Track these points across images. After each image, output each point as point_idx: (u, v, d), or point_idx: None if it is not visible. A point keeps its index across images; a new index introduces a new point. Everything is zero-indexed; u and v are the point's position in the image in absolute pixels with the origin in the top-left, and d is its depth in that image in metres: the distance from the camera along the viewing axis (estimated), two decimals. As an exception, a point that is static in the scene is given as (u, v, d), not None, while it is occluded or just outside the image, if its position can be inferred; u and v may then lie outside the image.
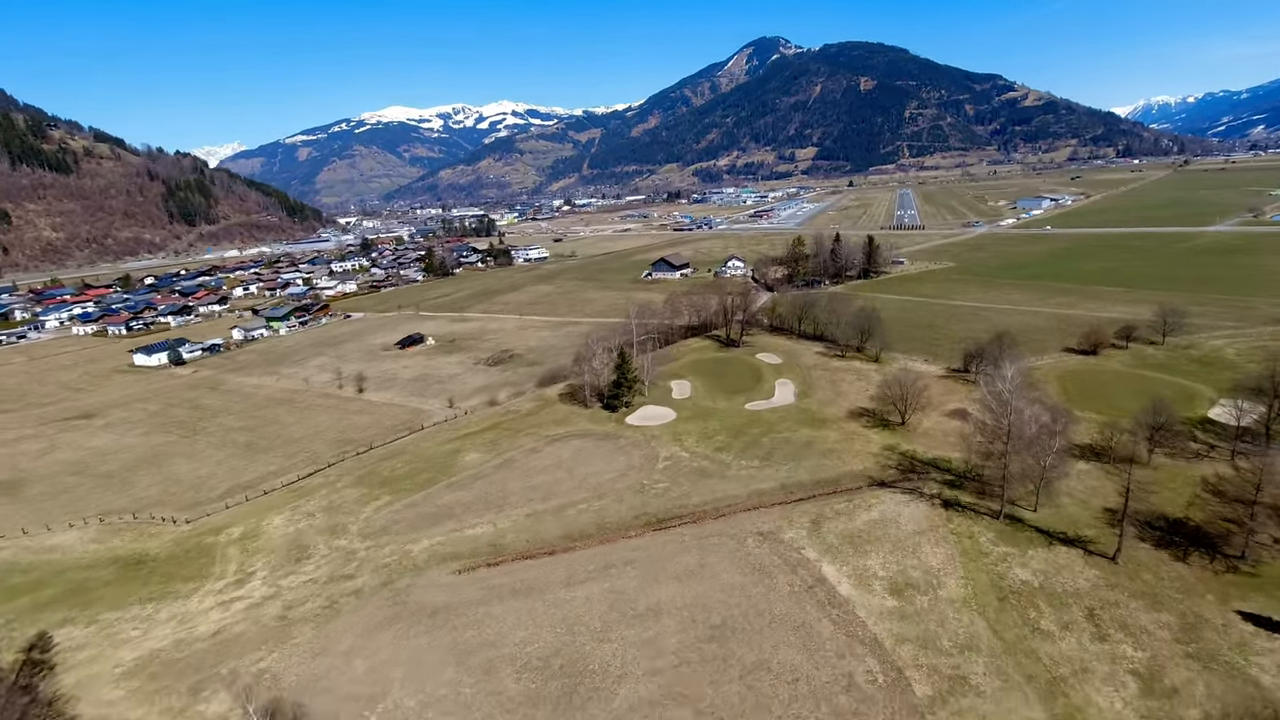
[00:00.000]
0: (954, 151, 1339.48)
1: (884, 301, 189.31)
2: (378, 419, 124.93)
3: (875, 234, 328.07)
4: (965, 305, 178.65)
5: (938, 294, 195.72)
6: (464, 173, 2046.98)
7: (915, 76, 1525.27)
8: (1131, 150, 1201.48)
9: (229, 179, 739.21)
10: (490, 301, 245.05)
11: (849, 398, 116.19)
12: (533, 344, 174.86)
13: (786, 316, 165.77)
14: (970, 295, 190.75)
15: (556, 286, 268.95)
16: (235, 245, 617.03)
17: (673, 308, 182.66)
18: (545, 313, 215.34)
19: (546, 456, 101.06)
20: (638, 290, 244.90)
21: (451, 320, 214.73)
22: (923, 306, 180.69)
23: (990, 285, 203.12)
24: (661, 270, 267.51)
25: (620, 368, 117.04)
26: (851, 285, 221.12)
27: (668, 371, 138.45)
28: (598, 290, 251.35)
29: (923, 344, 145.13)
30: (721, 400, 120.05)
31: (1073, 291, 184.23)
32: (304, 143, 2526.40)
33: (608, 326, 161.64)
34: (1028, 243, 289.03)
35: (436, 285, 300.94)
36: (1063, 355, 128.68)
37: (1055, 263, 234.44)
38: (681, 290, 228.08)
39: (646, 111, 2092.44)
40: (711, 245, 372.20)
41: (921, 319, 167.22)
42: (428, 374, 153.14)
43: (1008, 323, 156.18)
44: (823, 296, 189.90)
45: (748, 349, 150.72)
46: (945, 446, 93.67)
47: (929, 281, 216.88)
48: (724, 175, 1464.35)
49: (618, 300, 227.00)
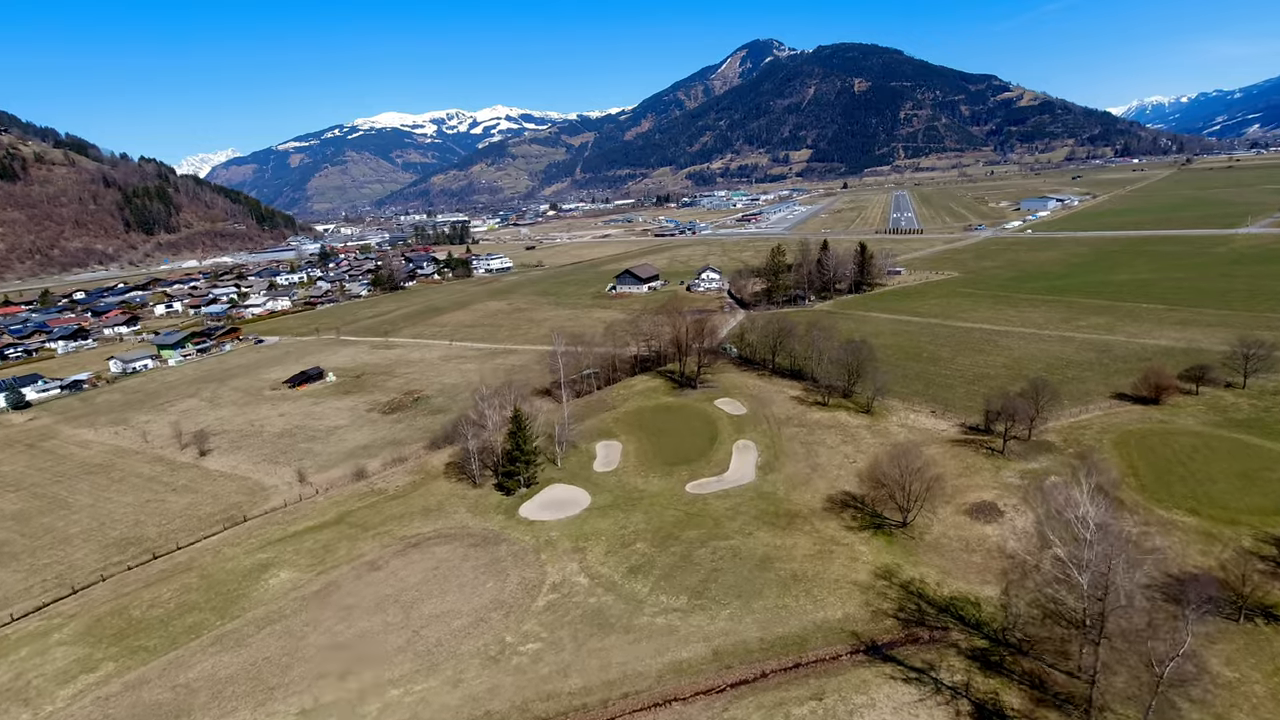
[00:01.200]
0: (950, 152, 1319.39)
1: (878, 324, 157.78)
2: (197, 502, 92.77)
3: (870, 239, 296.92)
4: (976, 329, 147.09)
5: (942, 313, 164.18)
6: (456, 178, 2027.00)
7: (910, 77, 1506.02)
8: (1130, 150, 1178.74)
9: (195, 185, 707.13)
10: (427, 322, 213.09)
11: (829, 473, 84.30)
12: (450, 381, 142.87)
13: (759, 345, 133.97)
14: (981, 315, 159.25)
15: (509, 303, 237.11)
16: (196, 255, 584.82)
17: (621, 334, 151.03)
18: (482, 338, 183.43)
19: (386, 579, 69.05)
20: (596, 308, 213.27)
21: (372, 348, 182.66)
22: (925, 330, 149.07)
23: (1004, 301, 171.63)
24: (627, 283, 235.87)
25: (516, 434, 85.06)
26: (841, 302, 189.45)
27: (598, 427, 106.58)
28: (552, 308, 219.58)
29: (927, 385, 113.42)
30: (657, 476, 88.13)
31: (1106, 310, 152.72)
32: (296, 149, 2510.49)
33: (548, 357, 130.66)
34: (1040, 249, 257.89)
35: (379, 301, 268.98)
36: (1114, 405, 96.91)
37: (1077, 273, 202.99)
38: (643, 309, 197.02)
39: (640, 115, 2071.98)
40: (691, 253, 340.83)
41: (924, 348, 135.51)
42: (302, 427, 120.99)
43: (1031, 353, 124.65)
44: (804, 318, 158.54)
45: (707, 391, 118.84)
46: (969, 572, 62.01)
47: (931, 296, 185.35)
48: (718, 178, 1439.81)
49: (571, 320, 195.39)
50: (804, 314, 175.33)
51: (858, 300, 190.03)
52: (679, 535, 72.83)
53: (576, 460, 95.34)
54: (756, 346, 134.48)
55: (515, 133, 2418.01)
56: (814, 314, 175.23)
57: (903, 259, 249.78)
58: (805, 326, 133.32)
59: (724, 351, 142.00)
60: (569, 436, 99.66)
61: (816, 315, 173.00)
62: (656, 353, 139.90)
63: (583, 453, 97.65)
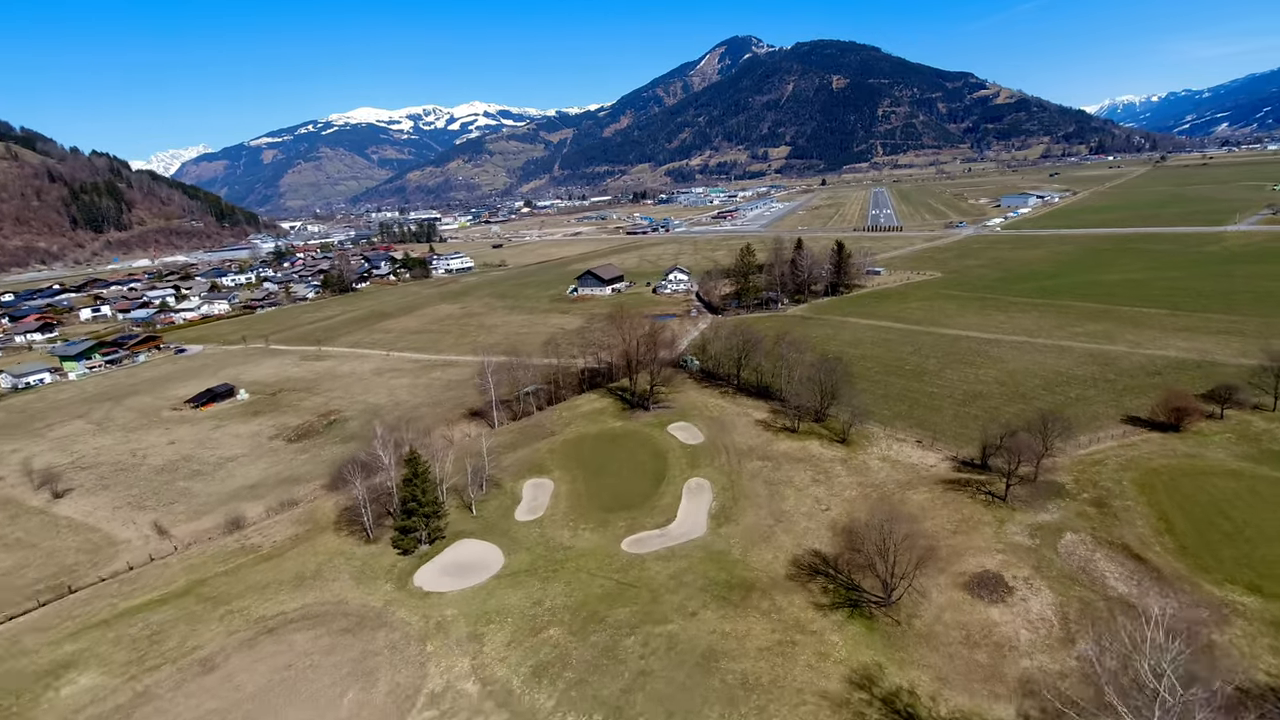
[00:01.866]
0: (928, 150, 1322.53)
1: (856, 331, 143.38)
2: (24, 562, 75.49)
3: (848, 236, 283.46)
4: (964, 336, 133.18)
5: (925, 318, 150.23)
6: (432, 174, 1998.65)
7: (888, 75, 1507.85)
8: (1104, 147, 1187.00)
9: (151, 181, 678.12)
10: (370, 329, 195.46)
11: (796, 525, 69.24)
12: (376, 400, 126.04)
13: (722, 358, 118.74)
14: (968, 320, 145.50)
15: (461, 307, 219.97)
16: (149, 254, 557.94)
17: (571, 344, 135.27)
18: (425, 347, 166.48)
19: (218, 687, 52.69)
20: (554, 313, 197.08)
21: (301, 358, 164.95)
22: (908, 339, 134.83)
23: (991, 304, 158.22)
24: (589, 285, 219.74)
25: (412, 482, 68.87)
26: (816, 305, 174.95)
27: (530, 459, 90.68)
28: (506, 313, 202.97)
29: (912, 406, 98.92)
30: (589, 527, 72.52)
31: (1103, 315, 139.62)
32: (269, 145, 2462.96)
33: (494, 370, 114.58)
34: (1024, 246, 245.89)
35: (326, 305, 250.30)
36: (1129, 432, 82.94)
37: (1066, 272, 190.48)
38: (604, 314, 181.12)
39: (619, 111, 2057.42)
40: (662, 251, 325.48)
41: (907, 360, 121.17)
42: (189, 458, 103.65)
43: (1026, 366, 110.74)
44: (775, 326, 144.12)
45: (660, 413, 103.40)
46: (973, 679, 47.12)
47: (913, 299, 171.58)
48: (697, 175, 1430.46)
49: (524, 327, 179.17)
50: (775, 320, 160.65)
51: (834, 304, 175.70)
52: (605, 615, 57.24)
53: (498, 505, 79.35)
54: (720, 359, 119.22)
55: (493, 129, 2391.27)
56: (786, 320, 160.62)
57: (882, 258, 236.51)
58: (774, 337, 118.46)
59: (684, 365, 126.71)
60: (493, 473, 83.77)
61: (789, 321, 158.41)
62: (609, 365, 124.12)
63: (507, 494, 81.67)
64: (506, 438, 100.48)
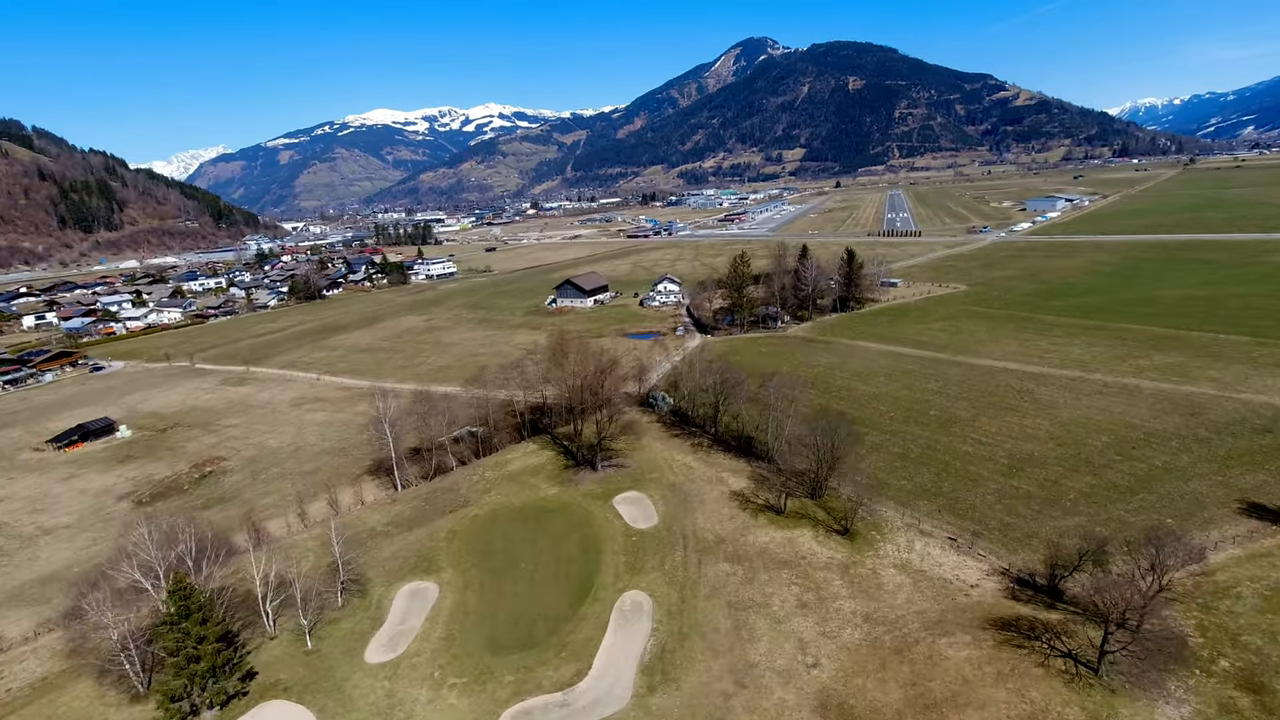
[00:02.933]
0: (945, 152, 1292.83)
1: (868, 358, 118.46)
2: None
3: (861, 242, 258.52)
4: (1000, 369, 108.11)
5: (951, 343, 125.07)
6: (445, 176, 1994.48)
7: (905, 76, 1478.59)
8: (1128, 150, 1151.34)
9: (148, 180, 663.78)
10: (317, 344, 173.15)
11: (765, 700, 44.93)
12: (275, 443, 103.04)
13: (699, 397, 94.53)
14: (1003, 346, 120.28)
15: (426, 319, 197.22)
16: (140, 254, 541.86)
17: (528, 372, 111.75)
18: (364, 370, 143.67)
19: None
20: (524, 328, 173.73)
21: (222, 381, 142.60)
22: (931, 371, 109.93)
23: (1029, 326, 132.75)
24: (568, 296, 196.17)
25: (180, 625, 45.20)
26: (822, 324, 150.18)
27: (420, 547, 67.04)
28: (471, 327, 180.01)
29: (941, 475, 74.24)
30: (460, 682, 48.72)
31: (1171, 342, 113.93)
32: (286, 145, 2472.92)
33: (431, 401, 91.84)
34: (1058, 255, 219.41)
35: (284, 314, 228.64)
36: (1258, 531, 58.00)
37: (1112, 286, 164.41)
38: (581, 330, 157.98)
39: (633, 113, 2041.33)
40: (659, 257, 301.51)
41: (931, 402, 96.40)
42: (1, 526, 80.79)
43: (1086, 415, 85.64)
44: (771, 350, 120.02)
45: (610, 474, 79.53)
46: None
47: (935, 317, 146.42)
48: (710, 177, 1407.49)
49: (485, 346, 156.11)
50: (772, 343, 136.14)
51: (843, 322, 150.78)
52: None
53: (349, 630, 55.67)
54: (695, 398, 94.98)
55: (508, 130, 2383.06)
56: (785, 342, 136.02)
57: (899, 267, 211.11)
58: (762, 376, 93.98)
59: (654, 403, 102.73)
60: (363, 569, 60.38)
61: (787, 345, 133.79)
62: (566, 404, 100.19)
63: (368, 609, 58.03)
64: (406, 507, 76.91)
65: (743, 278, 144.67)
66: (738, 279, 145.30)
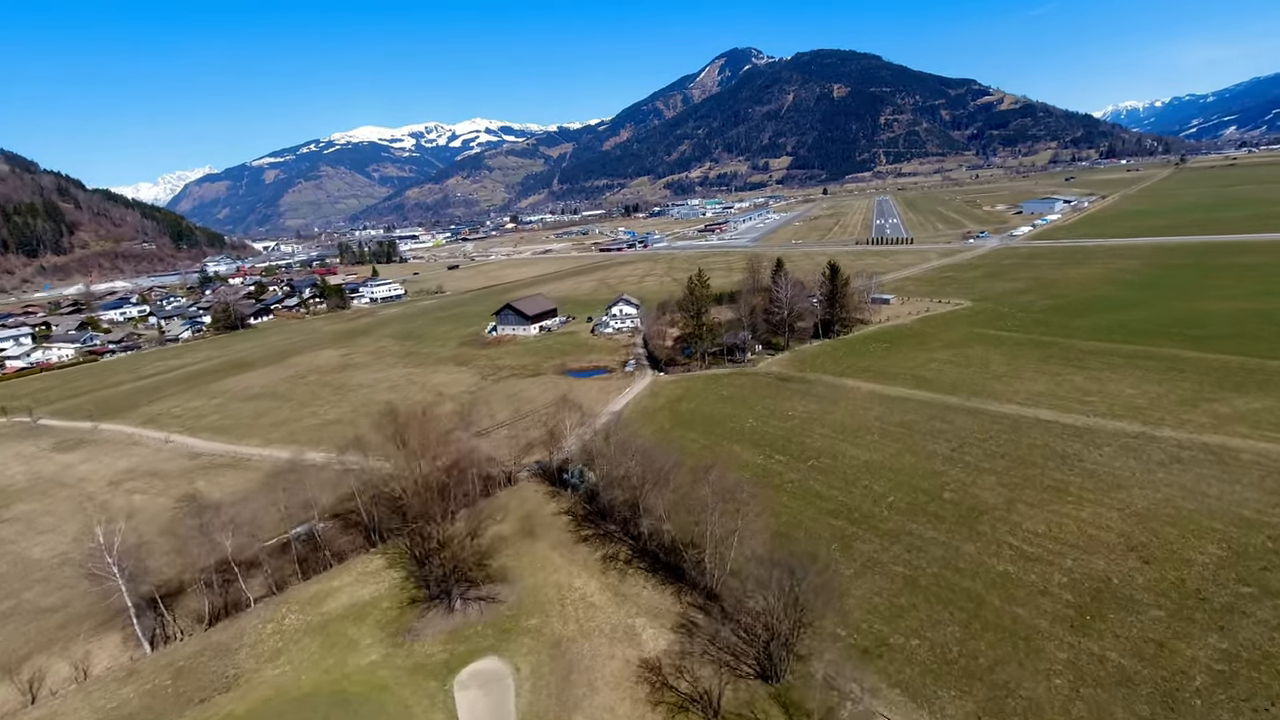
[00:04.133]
0: (932, 157, 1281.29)
1: (856, 406, 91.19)
2: None
3: (849, 251, 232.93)
4: (1028, 419, 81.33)
5: (963, 381, 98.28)
6: (431, 191, 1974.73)
7: (889, 83, 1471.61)
8: (1115, 151, 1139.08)
9: (104, 201, 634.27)
10: (199, 390, 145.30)
11: None
12: (44, 552, 75.04)
13: (619, 485, 66.87)
14: (1029, 384, 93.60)
15: (344, 354, 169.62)
16: (90, 279, 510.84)
17: (426, 429, 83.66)
18: (233, 426, 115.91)
19: None
20: (451, 363, 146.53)
21: (53, 445, 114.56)
22: (939, 424, 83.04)
23: (1056, 354, 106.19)
24: (509, 323, 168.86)
25: None
26: (800, 355, 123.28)
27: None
28: (391, 364, 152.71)
29: (970, 633, 46.81)
30: None
31: (1247, 377, 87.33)
32: (271, 164, 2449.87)
33: (294, 476, 64.64)
34: (1072, 262, 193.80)
35: (192, 349, 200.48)
36: None
37: (1145, 299, 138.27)
38: (513, 365, 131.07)
39: (619, 125, 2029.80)
40: (629, 272, 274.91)
41: (943, 476, 69.37)
42: None
43: (1170, 501, 58.63)
44: (733, 396, 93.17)
45: (469, 619, 52.11)
46: None
47: (938, 343, 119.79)
48: (696, 187, 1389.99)
49: (394, 390, 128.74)
50: (737, 381, 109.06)
51: (827, 352, 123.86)
52: None
53: None
54: (614, 484, 67.39)
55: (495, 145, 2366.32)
56: (753, 381, 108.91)
57: (891, 279, 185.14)
58: (698, 466, 67.00)
59: (569, 481, 75.30)
60: None
61: (756, 383, 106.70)
62: (441, 485, 72.38)
63: None
64: (138, 691, 48.99)
65: (701, 300, 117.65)
66: (695, 302, 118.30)
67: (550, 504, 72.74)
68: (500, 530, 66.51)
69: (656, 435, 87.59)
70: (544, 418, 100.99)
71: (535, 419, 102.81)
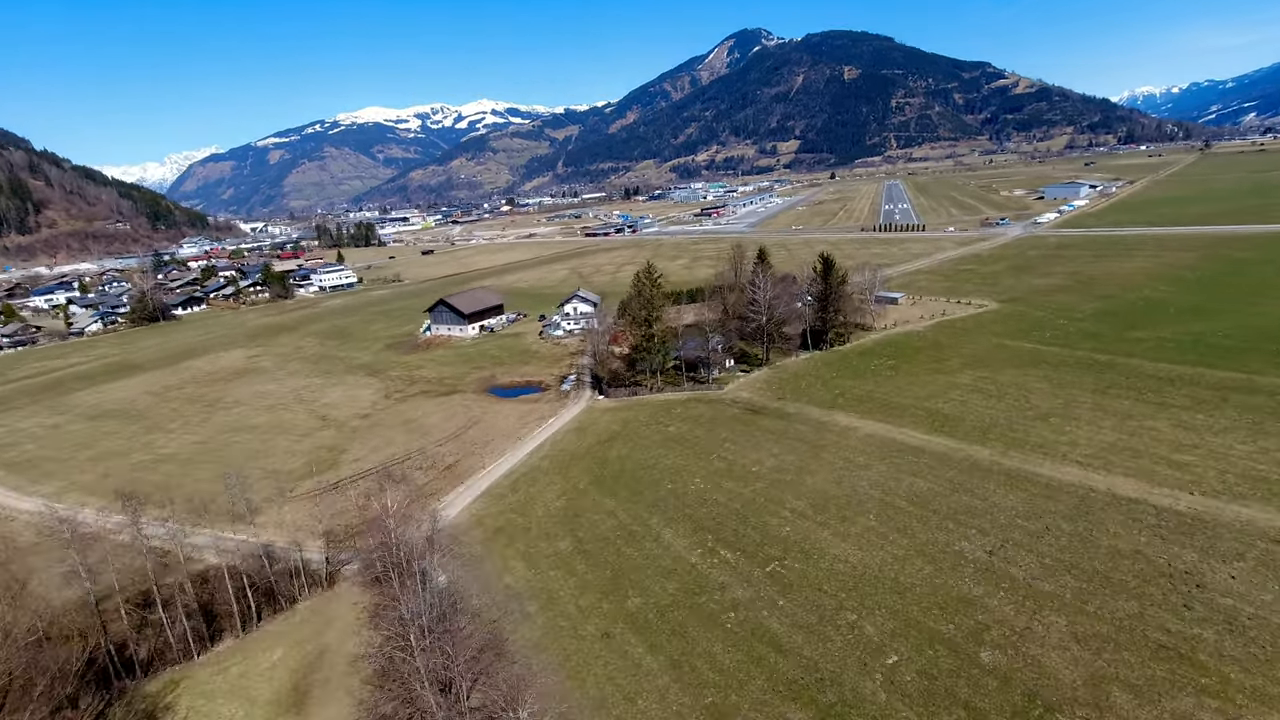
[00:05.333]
0: (944, 142, 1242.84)
1: (847, 461, 63.95)
2: None
3: (855, 239, 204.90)
4: (1097, 494, 54.68)
5: (994, 418, 71.47)
6: (435, 173, 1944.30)
7: (901, 65, 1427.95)
8: (1134, 137, 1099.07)
9: (80, 179, 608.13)
10: (48, 403, 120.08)
11: None
12: None
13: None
14: (1086, 431, 66.73)
15: (251, 357, 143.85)
16: (58, 260, 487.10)
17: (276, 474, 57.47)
18: (13, 466, 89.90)
19: None
20: (361, 372, 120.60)
21: None
22: (968, 499, 56.48)
23: (1121, 384, 78.97)
24: (445, 322, 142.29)
25: None
26: (781, 374, 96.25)
27: None
28: (294, 371, 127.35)
29: None
30: None
31: None
32: (276, 145, 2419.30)
33: None
34: (1111, 254, 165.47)
35: (89, 346, 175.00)
36: None
37: (1217, 304, 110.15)
38: (433, 377, 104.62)
39: (625, 107, 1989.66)
40: (605, 261, 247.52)
41: (979, 610, 42.96)
42: None
43: None
44: (680, 435, 66.15)
45: None
46: None
47: (958, 360, 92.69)
48: (703, 170, 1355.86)
49: (276, 410, 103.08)
50: (694, 411, 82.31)
51: (814, 369, 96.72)
52: None
53: None
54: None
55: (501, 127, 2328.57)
56: (714, 410, 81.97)
57: (899, 272, 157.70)
58: (606, 540, 40.56)
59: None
60: None
61: (718, 415, 79.74)
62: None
63: None
64: None
65: (651, 303, 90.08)
66: (645, 305, 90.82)
67: (366, 633, 46.48)
68: (260, 689, 40.24)
69: (562, 503, 61.42)
70: (426, 460, 74.77)
71: (416, 463, 76.50)
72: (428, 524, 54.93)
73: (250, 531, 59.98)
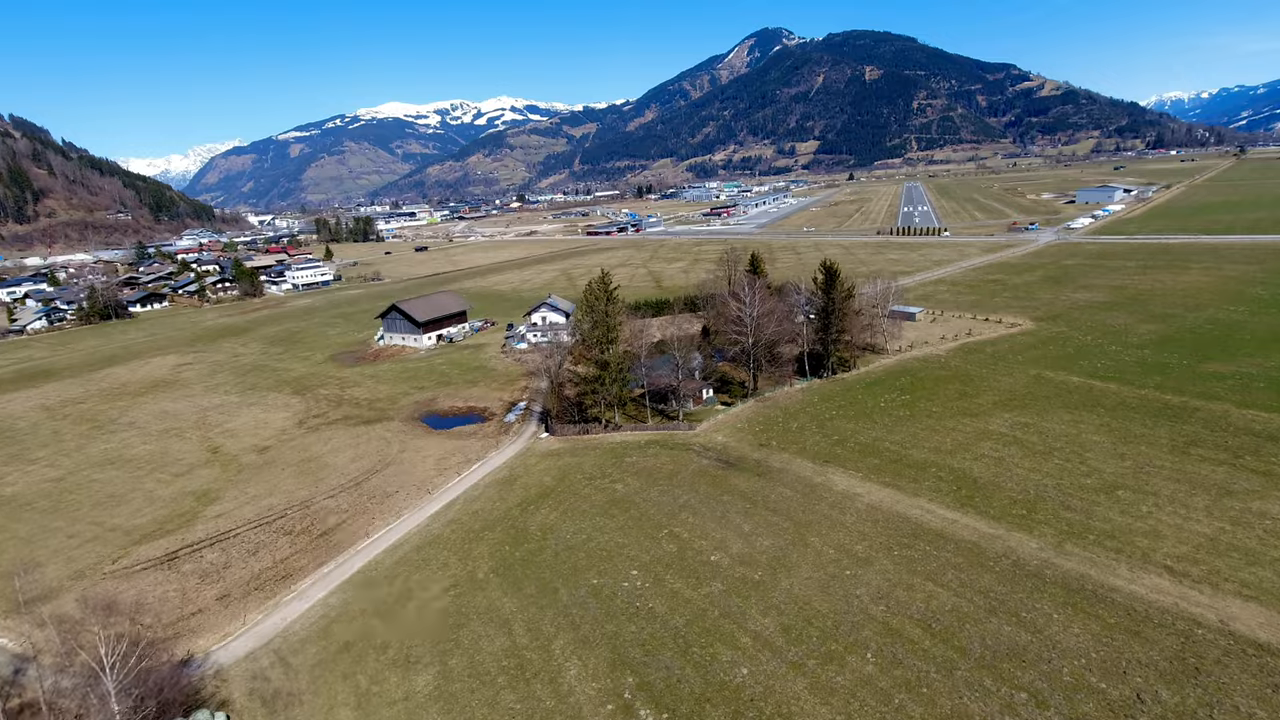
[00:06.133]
0: (966, 144, 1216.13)
1: (840, 552, 44.66)
2: None
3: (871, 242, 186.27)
4: (1203, 634, 36.70)
5: (1040, 494, 53.23)
6: (452, 169, 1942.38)
7: (924, 66, 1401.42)
8: (1163, 141, 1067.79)
9: (83, 168, 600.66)
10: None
11: None
12: None
13: None
14: (1169, 515, 48.52)
15: (183, 363, 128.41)
16: (56, 250, 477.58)
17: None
18: None
19: None
20: (283, 391, 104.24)
21: None
22: (1013, 643, 38.98)
23: (1204, 439, 60.68)
24: (398, 330, 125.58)
25: None
26: (770, 410, 78.22)
27: None
28: (215, 387, 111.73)
29: None
30: None
31: None
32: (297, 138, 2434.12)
33: None
34: (1160, 264, 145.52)
35: (24, 346, 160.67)
36: None
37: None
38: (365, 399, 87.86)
39: (643, 105, 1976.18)
40: (601, 261, 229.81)
41: None
42: None
43: None
44: (630, 495, 47.53)
45: None
46: None
47: (990, 398, 74.37)
48: (720, 170, 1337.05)
49: (163, 435, 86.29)
50: (651, 459, 64.47)
51: (810, 405, 78.62)
52: None
53: None
54: None
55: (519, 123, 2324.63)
56: (676, 461, 64.04)
57: (918, 282, 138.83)
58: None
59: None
60: None
61: (679, 469, 61.67)
62: None
63: None
64: None
65: (607, 323, 72.09)
66: (598, 325, 72.81)
67: None
68: None
69: (447, 601, 44.14)
70: (305, 519, 57.76)
71: (290, 523, 59.48)
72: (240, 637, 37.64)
73: (12, 634, 43.15)
